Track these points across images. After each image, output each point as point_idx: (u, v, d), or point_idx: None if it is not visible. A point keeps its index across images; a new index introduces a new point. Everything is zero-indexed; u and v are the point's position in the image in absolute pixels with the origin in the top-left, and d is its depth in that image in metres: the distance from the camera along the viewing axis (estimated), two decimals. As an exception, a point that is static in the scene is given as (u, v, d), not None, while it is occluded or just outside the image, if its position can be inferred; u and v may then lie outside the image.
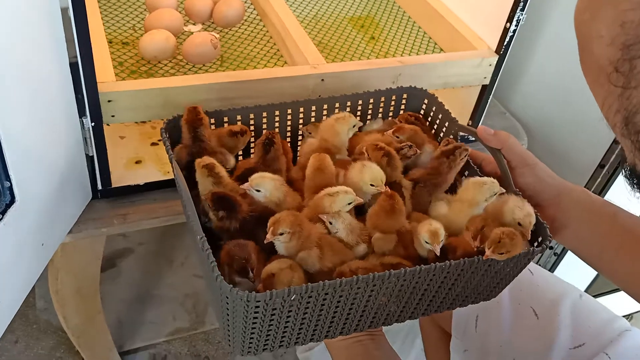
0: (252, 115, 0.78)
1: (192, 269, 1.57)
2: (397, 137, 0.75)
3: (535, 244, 0.64)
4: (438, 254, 0.60)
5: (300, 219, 0.61)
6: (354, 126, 0.75)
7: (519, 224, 0.62)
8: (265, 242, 0.59)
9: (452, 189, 0.72)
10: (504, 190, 0.66)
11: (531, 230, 0.63)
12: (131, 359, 1.37)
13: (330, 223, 0.62)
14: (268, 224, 0.59)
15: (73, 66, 0.70)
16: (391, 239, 0.63)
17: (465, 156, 0.71)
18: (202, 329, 1.45)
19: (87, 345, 1.17)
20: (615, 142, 1.05)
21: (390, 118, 0.86)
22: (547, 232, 0.63)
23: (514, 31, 0.91)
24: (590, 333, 0.80)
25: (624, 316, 0.84)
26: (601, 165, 1.08)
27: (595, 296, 1.24)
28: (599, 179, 1.09)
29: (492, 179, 0.67)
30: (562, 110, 1.15)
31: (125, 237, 1.61)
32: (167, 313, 1.47)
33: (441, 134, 0.82)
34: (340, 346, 0.71)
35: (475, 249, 0.61)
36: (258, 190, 0.65)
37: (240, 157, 0.80)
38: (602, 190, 1.10)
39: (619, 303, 1.28)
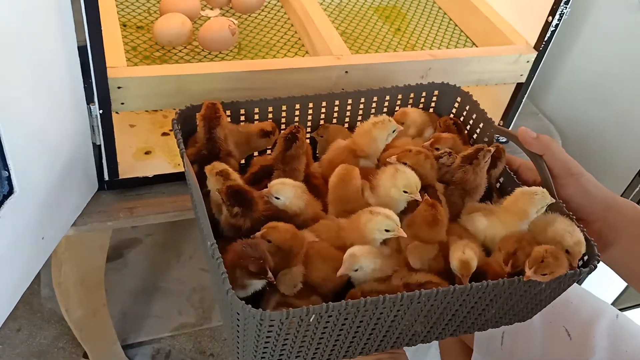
0: (270, 108, 0.73)
1: (200, 263, 1.53)
2: (437, 149, 0.68)
3: (581, 262, 0.58)
4: (466, 284, 0.54)
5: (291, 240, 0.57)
6: (393, 131, 0.68)
7: (567, 251, 0.56)
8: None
9: (488, 196, 0.66)
10: (554, 200, 0.60)
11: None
12: (134, 353, 1.34)
13: (356, 270, 0.55)
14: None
15: (81, 50, 0.65)
16: (432, 249, 0.57)
17: (488, 157, 0.65)
18: (208, 325, 1.41)
19: (89, 338, 1.15)
20: (657, 148, 0.98)
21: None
22: (595, 250, 0.57)
23: (557, 26, 0.84)
24: (627, 358, 0.74)
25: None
26: (640, 174, 1.01)
27: (623, 309, 1.17)
28: (638, 188, 1.02)
29: (540, 188, 0.60)
30: (600, 112, 1.08)
31: (133, 227, 1.57)
32: (173, 307, 1.43)
33: (475, 136, 0.76)
34: (358, 364, 0.65)
35: (507, 275, 0.55)
36: (277, 198, 0.60)
37: (255, 153, 0.75)
38: (640, 200, 1.03)
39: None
